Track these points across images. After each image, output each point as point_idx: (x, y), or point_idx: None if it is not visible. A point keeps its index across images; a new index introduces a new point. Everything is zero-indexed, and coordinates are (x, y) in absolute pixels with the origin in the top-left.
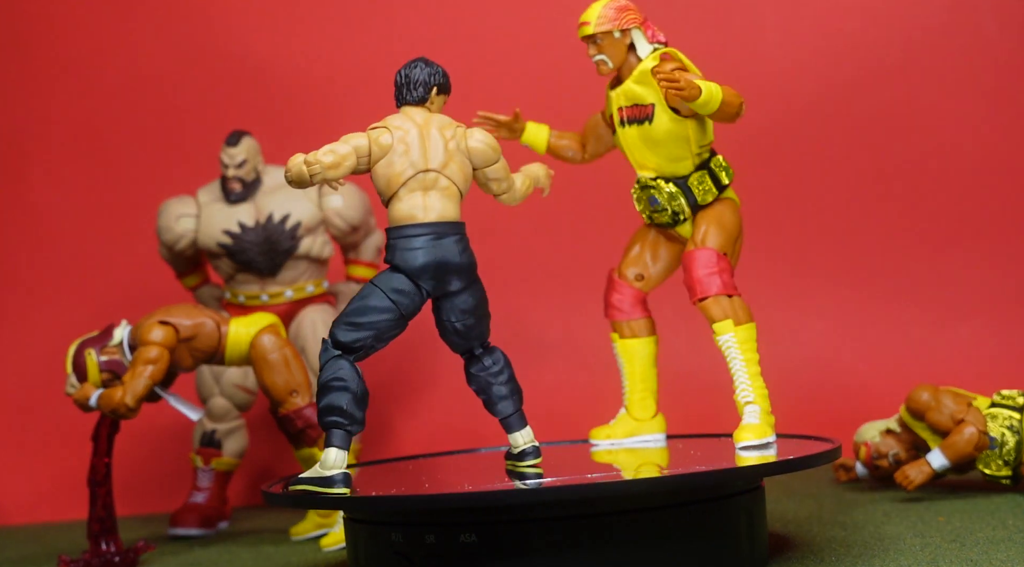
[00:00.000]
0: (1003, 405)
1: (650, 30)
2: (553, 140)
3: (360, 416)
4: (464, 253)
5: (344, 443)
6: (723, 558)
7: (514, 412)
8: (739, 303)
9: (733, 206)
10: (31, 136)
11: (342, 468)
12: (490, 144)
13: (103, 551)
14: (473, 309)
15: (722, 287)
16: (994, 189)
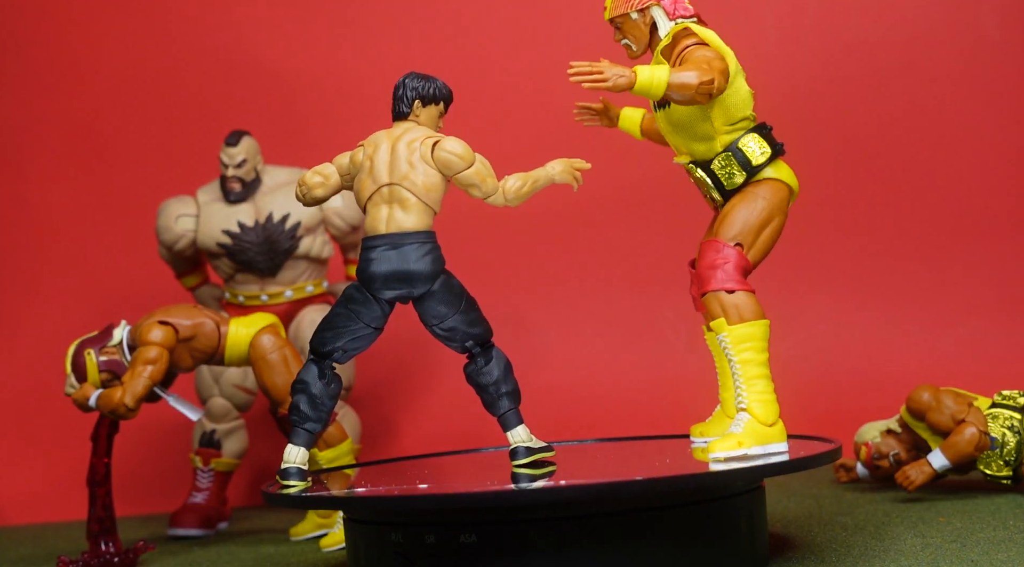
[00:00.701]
0: (1004, 405)
1: (674, 4)
2: (645, 124)
3: (316, 415)
4: (423, 260)
5: (300, 440)
6: (723, 558)
7: (506, 411)
8: (740, 299)
9: (768, 188)
10: (31, 136)
11: (295, 463)
12: (456, 153)
13: (102, 551)
14: (445, 313)
15: (720, 282)
16: (995, 189)
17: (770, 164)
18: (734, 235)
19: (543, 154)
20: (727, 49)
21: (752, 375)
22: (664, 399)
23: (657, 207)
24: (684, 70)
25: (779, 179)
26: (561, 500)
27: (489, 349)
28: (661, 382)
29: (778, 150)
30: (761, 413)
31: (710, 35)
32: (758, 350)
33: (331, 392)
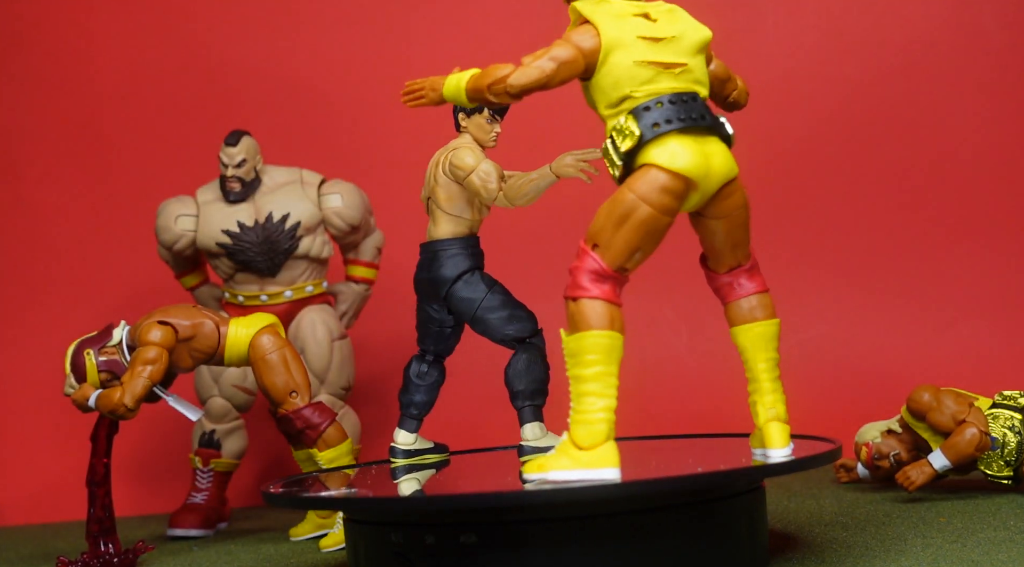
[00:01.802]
0: (1004, 405)
1: None
2: None
3: (406, 400)
4: (443, 266)
5: (403, 425)
6: (723, 558)
7: (520, 408)
8: (582, 308)
9: (636, 176)
10: (31, 136)
11: (403, 445)
12: (456, 164)
13: (102, 552)
14: (464, 311)
15: (568, 289)
16: (995, 189)
17: (647, 147)
18: (591, 235)
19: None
20: (603, 24)
21: (578, 391)
22: (664, 399)
23: None
24: (478, 74)
25: (651, 164)
26: (561, 500)
27: (522, 346)
28: (661, 382)
29: (653, 132)
30: (577, 435)
31: (593, 11)
32: (587, 364)
33: (426, 381)
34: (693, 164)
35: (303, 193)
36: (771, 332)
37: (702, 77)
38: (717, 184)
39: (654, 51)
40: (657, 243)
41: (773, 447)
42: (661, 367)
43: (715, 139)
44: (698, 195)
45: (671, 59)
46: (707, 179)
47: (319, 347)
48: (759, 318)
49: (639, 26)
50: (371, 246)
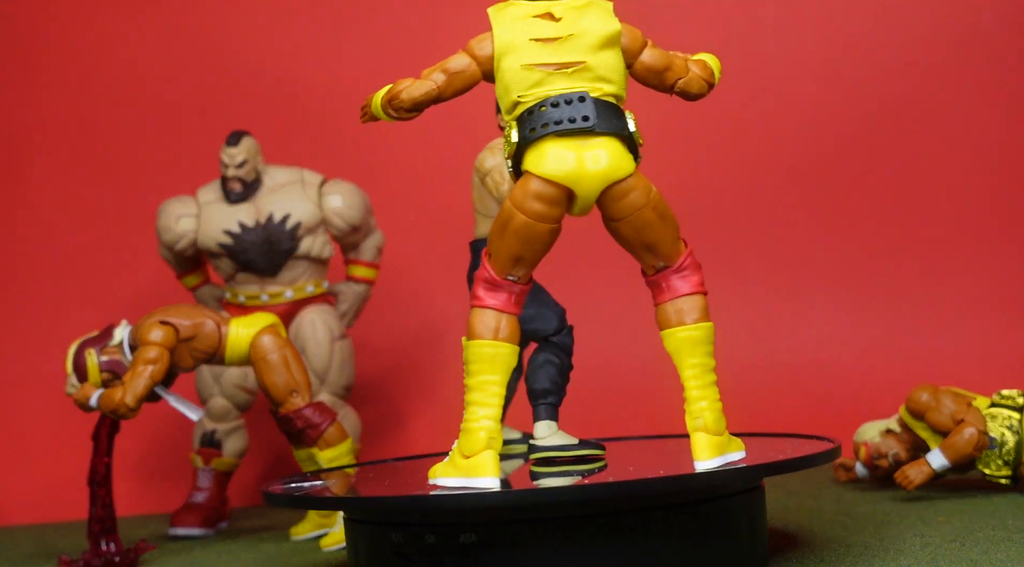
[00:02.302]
0: (1003, 405)
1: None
2: None
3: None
4: (470, 266)
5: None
6: (723, 558)
7: (534, 406)
8: (472, 316)
9: (518, 185)
10: (31, 136)
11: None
12: (477, 165)
13: (103, 551)
14: None
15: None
16: (995, 189)
17: (526, 153)
18: (487, 244)
19: None
20: (498, 29)
21: (466, 400)
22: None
23: None
24: (388, 89)
25: (526, 170)
26: (561, 500)
27: (543, 344)
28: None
29: (528, 138)
30: (461, 443)
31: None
32: (472, 373)
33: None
34: (561, 169)
35: (304, 193)
36: (697, 337)
37: (608, 73)
38: (598, 186)
39: (546, 53)
40: (541, 250)
41: (697, 459)
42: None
43: (605, 140)
44: (581, 199)
45: (565, 59)
46: (581, 183)
47: (320, 347)
48: (685, 322)
49: (535, 28)
50: (372, 246)
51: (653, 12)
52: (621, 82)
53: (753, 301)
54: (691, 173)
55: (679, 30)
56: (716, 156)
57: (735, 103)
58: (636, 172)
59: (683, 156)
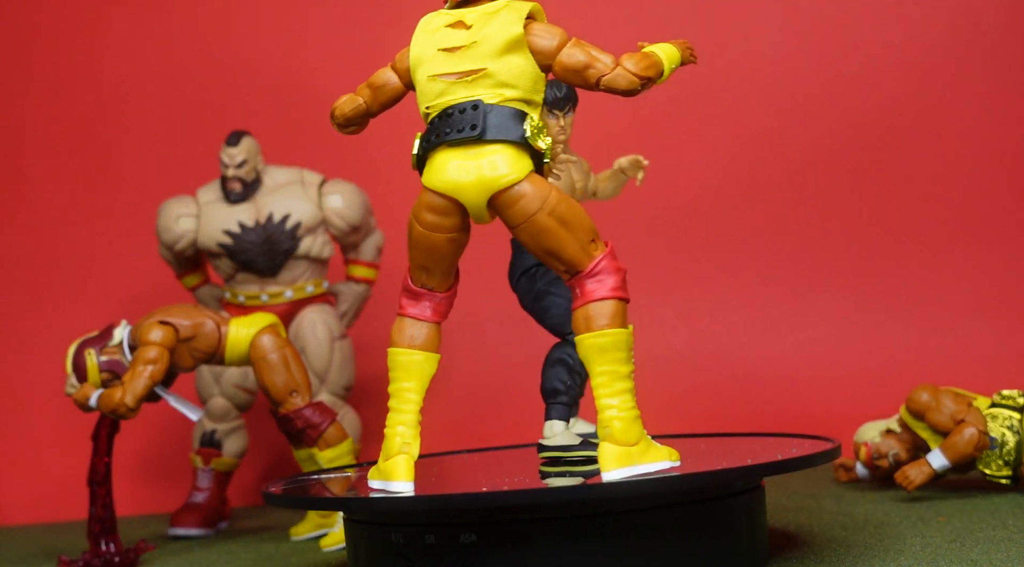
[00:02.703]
0: (1003, 405)
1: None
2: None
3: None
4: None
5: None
6: (723, 558)
7: (546, 405)
8: (394, 324)
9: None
10: (31, 136)
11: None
12: None
13: (103, 551)
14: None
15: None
16: (995, 189)
17: (424, 164)
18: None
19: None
20: (413, 41)
21: (388, 406)
22: (663, 399)
23: (656, 210)
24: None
25: (422, 182)
26: (561, 500)
27: (560, 341)
28: (660, 382)
29: (422, 150)
30: (383, 446)
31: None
32: (390, 380)
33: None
34: (442, 179)
35: (304, 193)
36: (603, 343)
37: (511, 79)
38: (481, 195)
39: (450, 62)
40: (443, 259)
41: (602, 469)
42: (660, 367)
43: (494, 147)
44: (470, 208)
45: (466, 67)
46: (464, 193)
47: (320, 347)
48: (592, 329)
49: (443, 37)
50: (372, 246)
51: (653, 12)
52: (528, 86)
53: (753, 301)
54: (691, 174)
55: (679, 30)
56: (716, 157)
57: (735, 104)
58: (530, 178)
59: (683, 157)
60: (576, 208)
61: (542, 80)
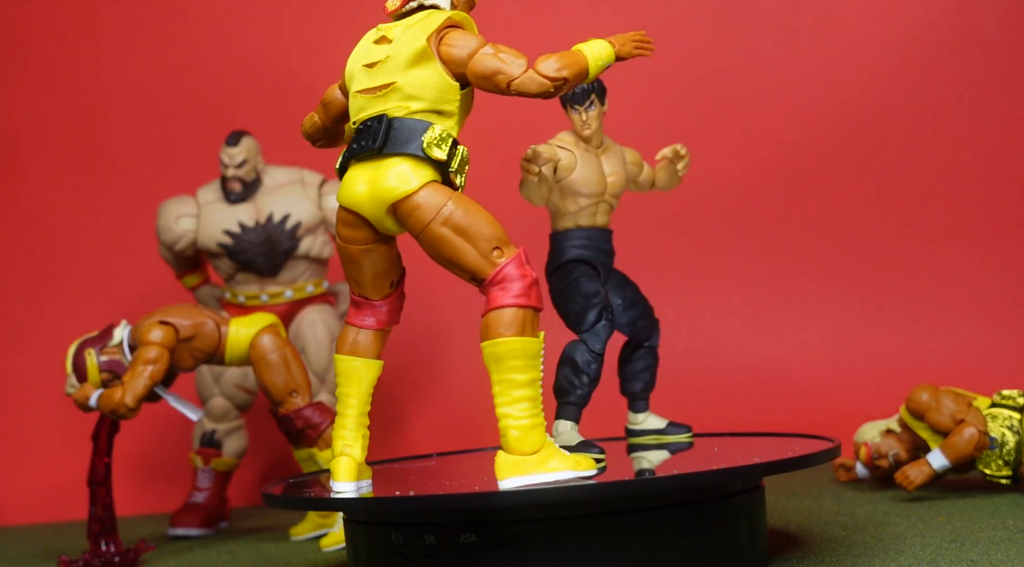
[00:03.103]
0: (1003, 405)
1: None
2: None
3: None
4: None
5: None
6: (723, 558)
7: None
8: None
9: None
10: (30, 136)
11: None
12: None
13: (103, 551)
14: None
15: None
16: (994, 189)
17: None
18: None
19: None
20: (349, 58)
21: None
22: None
23: (657, 210)
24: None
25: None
26: (560, 500)
27: (572, 341)
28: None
29: (341, 165)
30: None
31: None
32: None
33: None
34: (346, 193)
35: (304, 193)
36: (498, 352)
37: (417, 91)
38: (377, 208)
39: (368, 77)
40: (364, 270)
41: (496, 477)
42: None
43: (391, 161)
44: (372, 221)
45: (378, 82)
46: (362, 207)
47: (319, 347)
48: (488, 336)
49: (368, 53)
50: None
51: (653, 12)
52: (435, 97)
53: (753, 301)
54: (691, 175)
55: (679, 30)
56: (716, 158)
57: (735, 105)
58: (428, 188)
59: None
60: (476, 216)
61: (455, 90)
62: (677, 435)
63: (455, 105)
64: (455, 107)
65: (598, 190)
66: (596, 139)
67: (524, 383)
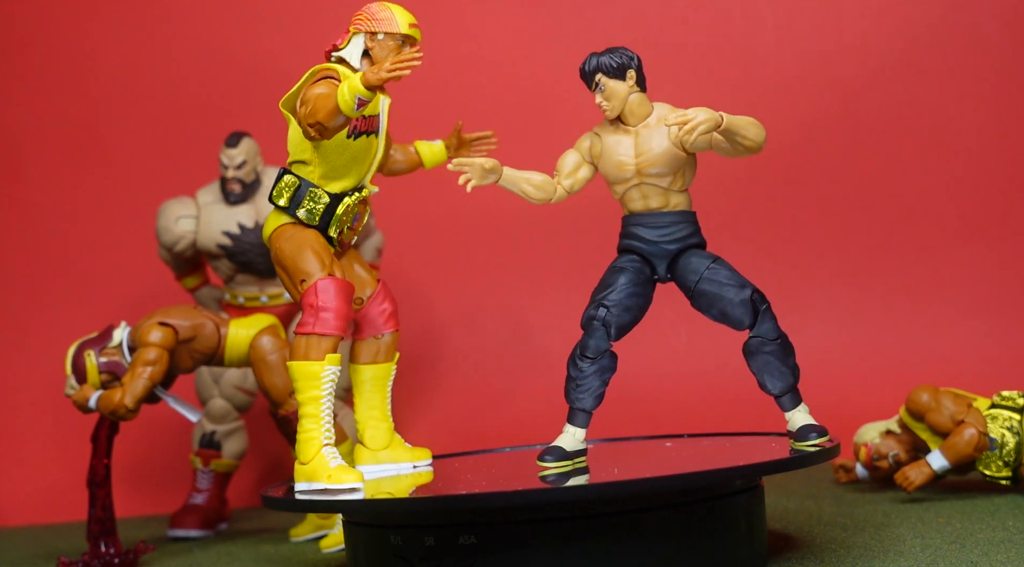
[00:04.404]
0: (1003, 406)
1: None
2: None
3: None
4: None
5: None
6: (723, 558)
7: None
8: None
9: None
10: (30, 136)
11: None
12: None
13: (102, 552)
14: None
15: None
16: (994, 189)
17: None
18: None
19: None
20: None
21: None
22: (664, 399)
23: None
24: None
25: None
26: (560, 501)
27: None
28: (660, 382)
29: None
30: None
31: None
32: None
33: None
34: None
35: None
36: (291, 375)
37: (289, 145)
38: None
39: None
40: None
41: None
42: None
43: (270, 206)
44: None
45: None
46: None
47: None
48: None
49: None
50: (371, 247)
51: (653, 13)
52: (294, 150)
53: None
54: None
55: (679, 30)
56: (716, 158)
57: (734, 104)
58: (276, 231)
59: None
60: (290, 254)
61: (304, 143)
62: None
63: (308, 154)
64: (308, 156)
65: (621, 175)
66: (632, 118)
67: (305, 401)
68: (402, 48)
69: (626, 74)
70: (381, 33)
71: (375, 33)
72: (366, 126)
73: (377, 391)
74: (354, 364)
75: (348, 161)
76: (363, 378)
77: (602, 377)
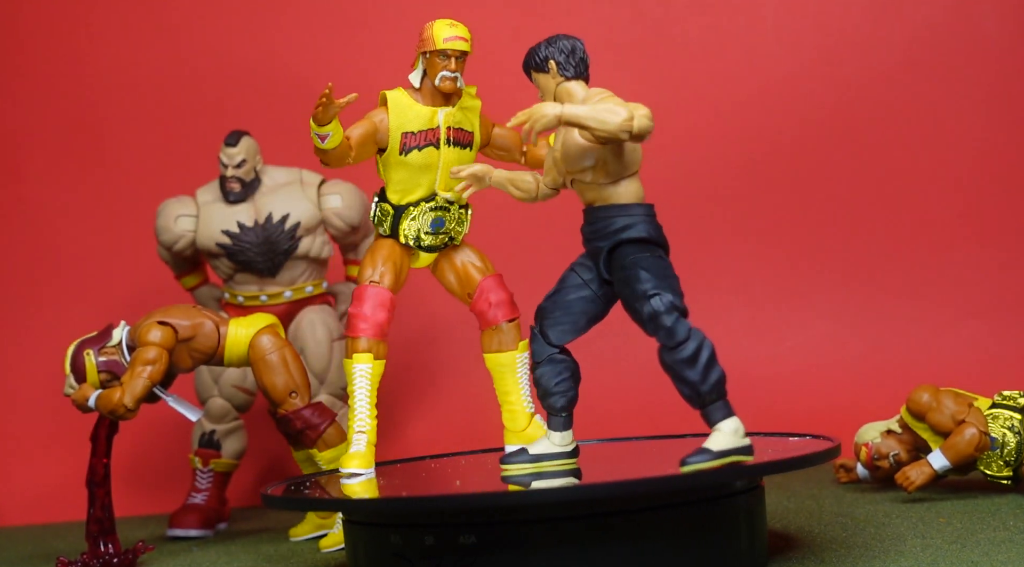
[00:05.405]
0: (1004, 406)
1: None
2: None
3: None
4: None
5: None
6: (723, 558)
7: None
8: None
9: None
10: (29, 136)
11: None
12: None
13: (102, 552)
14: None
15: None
16: (995, 189)
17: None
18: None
19: None
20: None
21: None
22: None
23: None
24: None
25: None
26: (560, 501)
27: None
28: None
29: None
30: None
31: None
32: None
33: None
34: None
35: (303, 193)
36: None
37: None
38: None
39: None
40: None
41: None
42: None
43: None
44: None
45: None
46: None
47: (319, 347)
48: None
49: None
50: (368, 247)
51: (653, 13)
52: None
53: (754, 302)
54: (689, 176)
55: (679, 30)
56: (716, 158)
57: (734, 106)
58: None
59: (683, 159)
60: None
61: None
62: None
63: (382, 173)
64: (383, 175)
65: (558, 171)
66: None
67: (348, 394)
68: (447, 62)
69: (547, 65)
70: (427, 51)
71: (425, 52)
72: (416, 141)
73: (507, 377)
74: (484, 353)
75: (410, 175)
76: (491, 366)
77: (556, 379)
